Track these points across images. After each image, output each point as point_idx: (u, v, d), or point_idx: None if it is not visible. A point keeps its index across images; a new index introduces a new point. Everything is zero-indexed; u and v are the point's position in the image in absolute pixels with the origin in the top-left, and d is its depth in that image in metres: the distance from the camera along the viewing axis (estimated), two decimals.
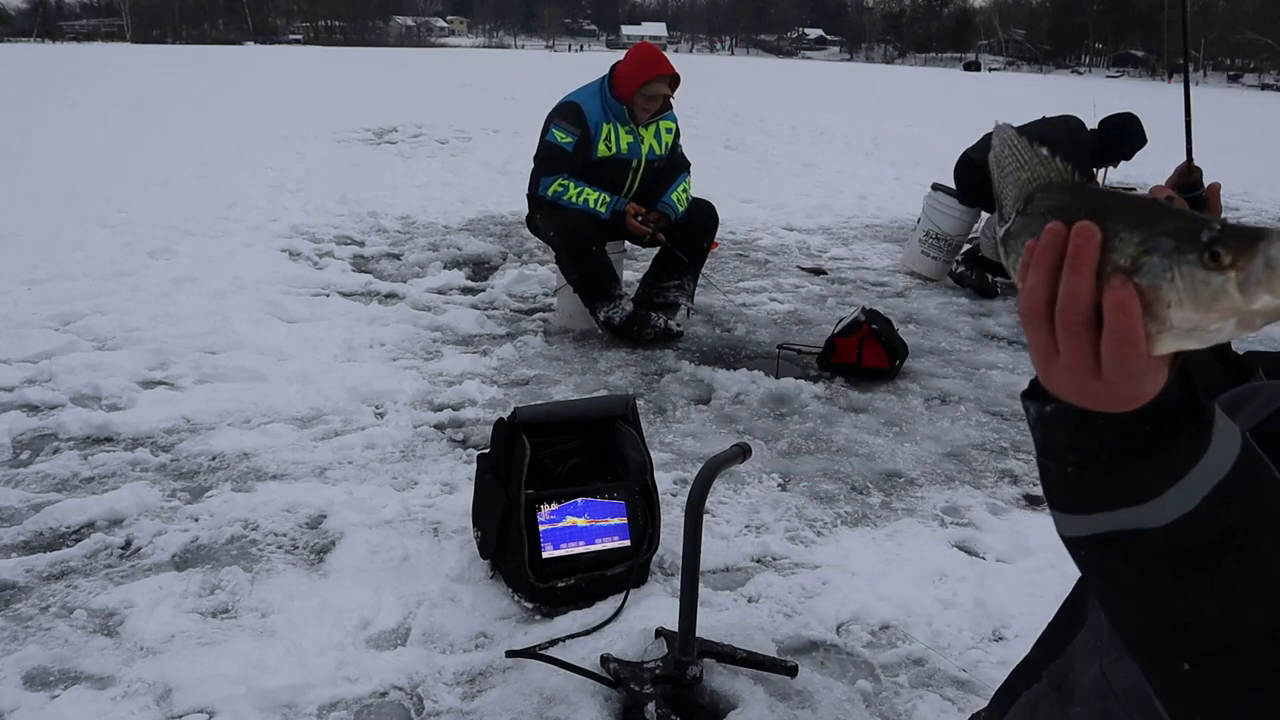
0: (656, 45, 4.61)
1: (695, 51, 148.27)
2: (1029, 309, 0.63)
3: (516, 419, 2.43)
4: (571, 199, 4.31)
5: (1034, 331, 0.64)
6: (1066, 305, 0.61)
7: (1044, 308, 0.63)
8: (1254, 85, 71.13)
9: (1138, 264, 0.58)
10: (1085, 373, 0.62)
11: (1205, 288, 0.55)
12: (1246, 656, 0.68)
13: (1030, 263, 0.63)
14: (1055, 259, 0.62)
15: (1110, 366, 0.61)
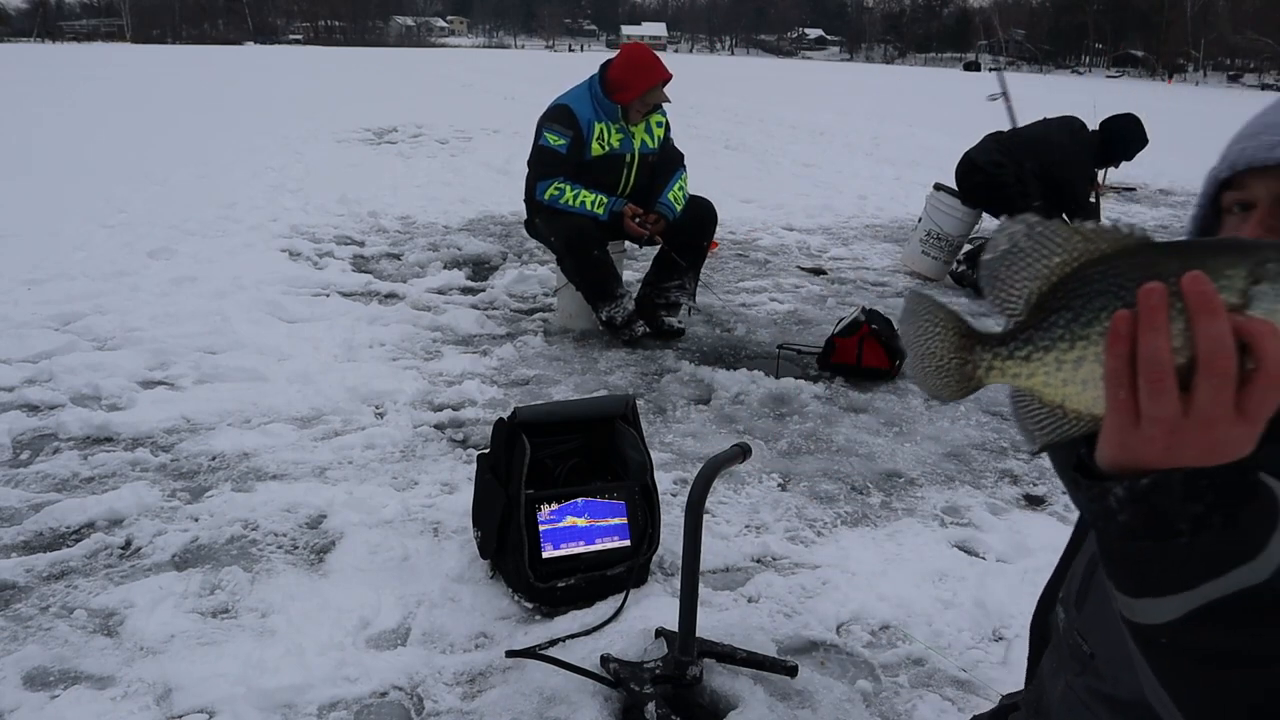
0: (648, 47, 4.61)
1: (695, 51, 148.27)
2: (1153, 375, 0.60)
3: (516, 419, 2.43)
4: (569, 202, 4.31)
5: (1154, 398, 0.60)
6: (1216, 352, 0.58)
7: (1168, 370, 0.59)
8: (1254, 85, 71.14)
9: (1248, 296, 0.59)
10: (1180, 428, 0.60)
11: None
12: None
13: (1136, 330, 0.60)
14: (1168, 318, 0.59)
15: (1256, 409, 0.59)
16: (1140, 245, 0.64)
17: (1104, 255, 0.64)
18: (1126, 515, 0.65)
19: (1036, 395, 0.69)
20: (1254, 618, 0.64)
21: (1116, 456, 0.65)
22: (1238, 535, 0.63)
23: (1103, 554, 0.70)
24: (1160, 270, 0.61)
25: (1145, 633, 0.68)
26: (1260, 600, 0.64)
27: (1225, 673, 0.66)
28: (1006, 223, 0.68)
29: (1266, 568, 0.64)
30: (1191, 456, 0.61)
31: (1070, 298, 0.65)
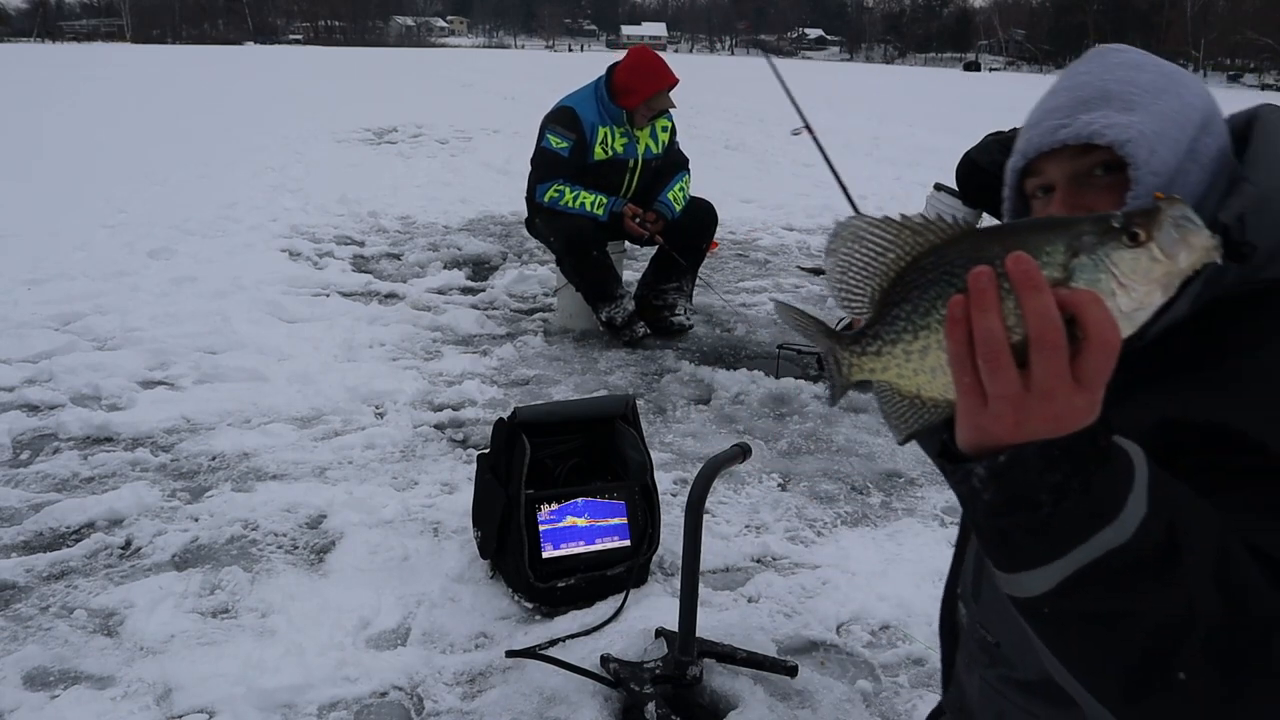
0: (655, 51, 4.60)
1: (695, 51, 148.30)
2: (989, 354, 0.62)
3: (516, 419, 2.43)
4: (569, 204, 4.31)
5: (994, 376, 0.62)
6: (1045, 326, 0.61)
7: (1002, 348, 0.62)
8: (1254, 85, 71.18)
9: (1069, 269, 0.62)
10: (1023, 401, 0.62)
11: (1137, 264, 0.61)
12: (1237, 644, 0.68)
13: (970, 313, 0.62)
14: (997, 296, 0.62)
15: (1091, 376, 0.61)
16: (966, 233, 0.66)
17: (934, 246, 0.67)
18: (990, 493, 0.67)
19: (894, 387, 0.72)
20: (1125, 577, 0.67)
21: (973, 437, 0.66)
22: (1096, 499, 0.66)
23: (977, 534, 0.72)
24: (986, 254, 0.63)
25: (1028, 606, 0.71)
26: (1128, 559, 0.67)
27: (1108, 632, 0.69)
28: (839, 225, 0.70)
29: (1128, 527, 0.66)
30: (1041, 429, 0.63)
31: (909, 290, 0.68)
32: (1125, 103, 0.98)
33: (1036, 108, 1.06)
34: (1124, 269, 0.61)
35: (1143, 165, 0.95)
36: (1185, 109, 0.98)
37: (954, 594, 1.31)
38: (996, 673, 1.13)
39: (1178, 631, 0.68)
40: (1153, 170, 0.95)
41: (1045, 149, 1.01)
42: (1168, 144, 0.96)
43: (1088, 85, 1.01)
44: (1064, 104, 1.02)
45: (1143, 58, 1.05)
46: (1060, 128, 0.99)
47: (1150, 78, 1.01)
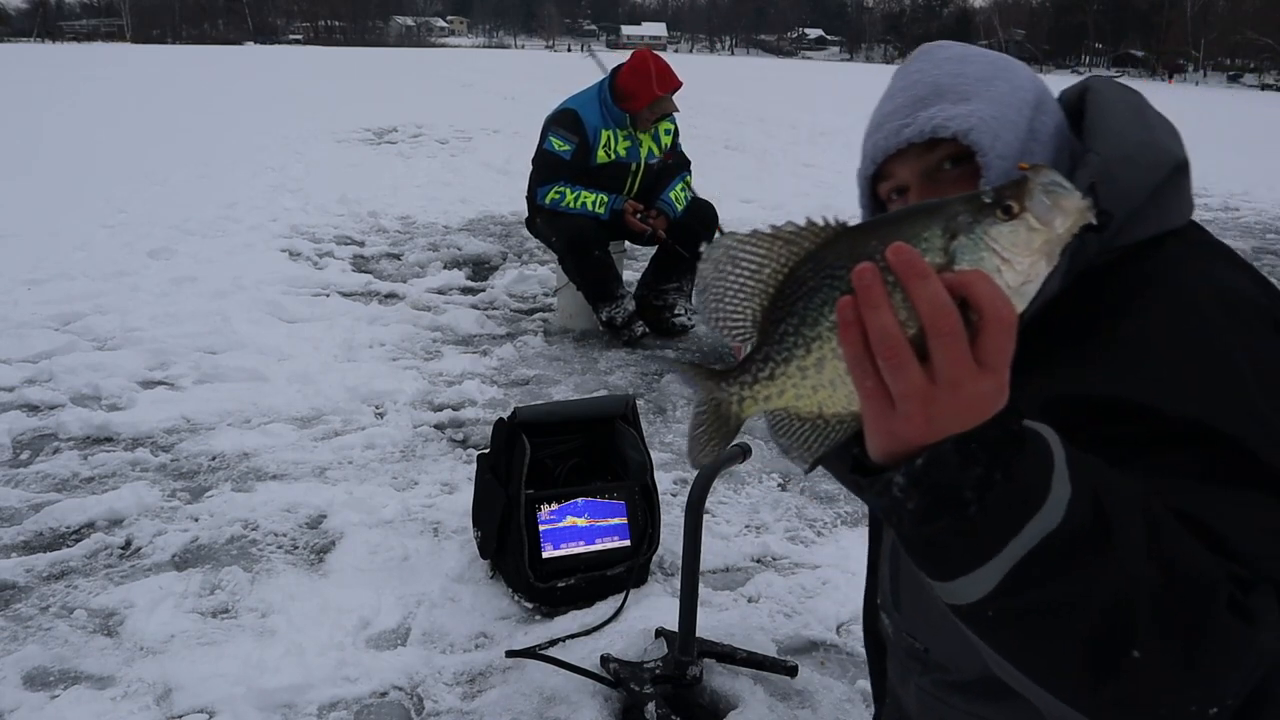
0: (658, 55, 4.60)
1: (695, 51, 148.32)
2: (888, 352, 0.59)
3: (516, 419, 2.43)
4: (570, 204, 4.31)
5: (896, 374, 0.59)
6: (938, 313, 0.58)
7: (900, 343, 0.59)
8: (1254, 85, 71.16)
9: (950, 253, 0.60)
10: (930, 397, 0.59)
11: (1016, 236, 0.59)
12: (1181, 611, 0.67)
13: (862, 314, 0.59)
14: (885, 291, 0.59)
15: (993, 357, 0.59)
16: (840, 233, 0.63)
17: (810, 253, 0.64)
18: (914, 501, 0.63)
19: (793, 412, 0.67)
20: (1065, 562, 0.65)
21: (885, 445, 0.63)
22: (1021, 487, 0.63)
23: (906, 548, 0.69)
24: (865, 250, 0.61)
25: (971, 612, 0.68)
26: (1063, 543, 0.64)
27: (1057, 622, 0.67)
28: (707, 250, 0.66)
29: (1058, 510, 0.64)
30: (953, 422, 0.60)
31: (792, 303, 0.64)
32: (960, 94, 1.00)
33: (874, 113, 1.08)
34: (1004, 243, 0.60)
35: (988, 151, 0.96)
36: (1017, 91, 1.01)
37: (874, 605, 1.31)
38: (931, 679, 1.12)
39: (1125, 609, 0.66)
40: (999, 154, 0.96)
41: (892, 151, 1.02)
42: (1008, 127, 0.98)
43: (920, 83, 1.03)
44: (901, 105, 1.03)
45: (967, 50, 1.07)
46: (903, 127, 1.00)
47: (978, 68, 1.03)
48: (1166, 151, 1.01)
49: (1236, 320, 0.89)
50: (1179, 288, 0.92)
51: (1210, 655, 0.68)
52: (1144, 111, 1.06)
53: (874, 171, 1.06)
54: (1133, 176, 0.97)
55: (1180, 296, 0.91)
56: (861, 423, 0.65)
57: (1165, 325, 0.89)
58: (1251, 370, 0.85)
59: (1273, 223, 8.70)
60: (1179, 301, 0.91)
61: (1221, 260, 0.99)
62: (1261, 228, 8.44)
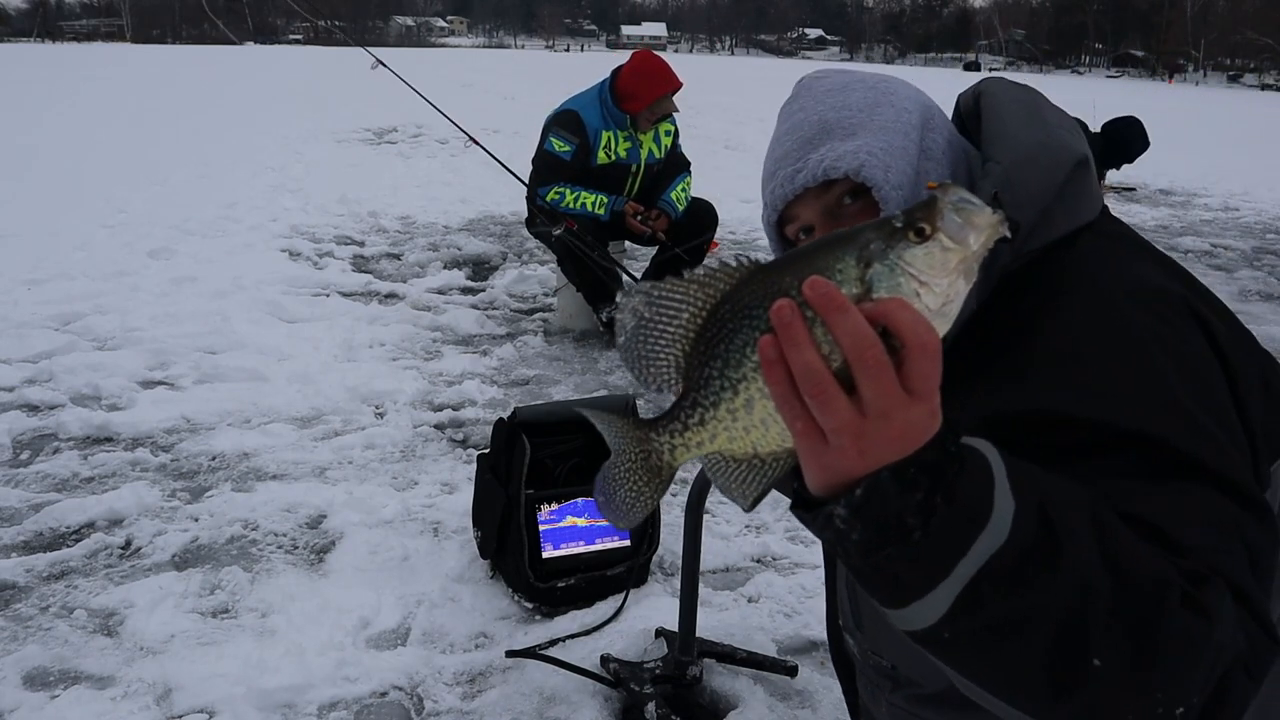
0: (658, 55, 4.61)
1: (695, 51, 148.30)
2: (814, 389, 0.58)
3: (516, 419, 2.43)
4: (570, 205, 4.31)
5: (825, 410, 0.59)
6: (861, 345, 0.57)
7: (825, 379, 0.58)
8: (1254, 85, 71.14)
9: (867, 281, 0.59)
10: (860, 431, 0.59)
11: (931, 258, 0.58)
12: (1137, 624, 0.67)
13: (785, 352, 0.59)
14: (805, 327, 0.58)
15: (921, 384, 0.58)
16: (754, 271, 0.63)
17: (727, 294, 0.63)
18: (858, 532, 0.63)
19: (727, 454, 0.66)
20: (1015, 577, 0.65)
21: (823, 478, 0.63)
22: (964, 507, 0.63)
23: (856, 577, 0.69)
24: (781, 286, 0.60)
25: (927, 636, 0.68)
26: (1012, 559, 0.64)
27: (1014, 638, 0.66)
28: (624, 299, 0.65)
29: (1004, 526, 0.64)
30: (887, 452, 0.60)
31: (715, 346, 0.63)
32: (846, 129, 1.01)
33: (767, 159, 1.10)
34: (920, 266, 0.59)
35: (882, 184, 0.97)
36: (902, 115, 1.01)
37: (837, 627, 1.32)
38: (903, 694, 1.12)
39: (1080, 618, 0.66)
40: (893, 185, 0.97)
41: (790, 198, 1.04)
42: (898, 155, 0.98)
43: (805, 123, 1.04)
44: (790, 149, 1.05)
45: (847, 77, 1.07)
46: (796, 173, 1.02)
47: (860, 95, 1.03)
48: (1065, 149, 1.00)
49: (1153, 315, 0.90)
50: (1094, 288, 0.93)
51: (1170, 654, 0.68)
52: (1040, 110, 1.05)
53: (778, 218, 1.09)
54: (1035, 179, 0.97)
55: (1097, 297, 0.92)
56: (796, 458, 0.64)
57: (1085, 329, 0.90)
58: (1173, 365, 0.86)
59: (1273, 223, 8.70)
60: (1096, 302, 0.92)
61: (1135, 252, 1.00)
62: (1261, 228, 8.44)
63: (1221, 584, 0.73)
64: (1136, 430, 0.82)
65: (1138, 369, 0.86)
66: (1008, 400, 0.87)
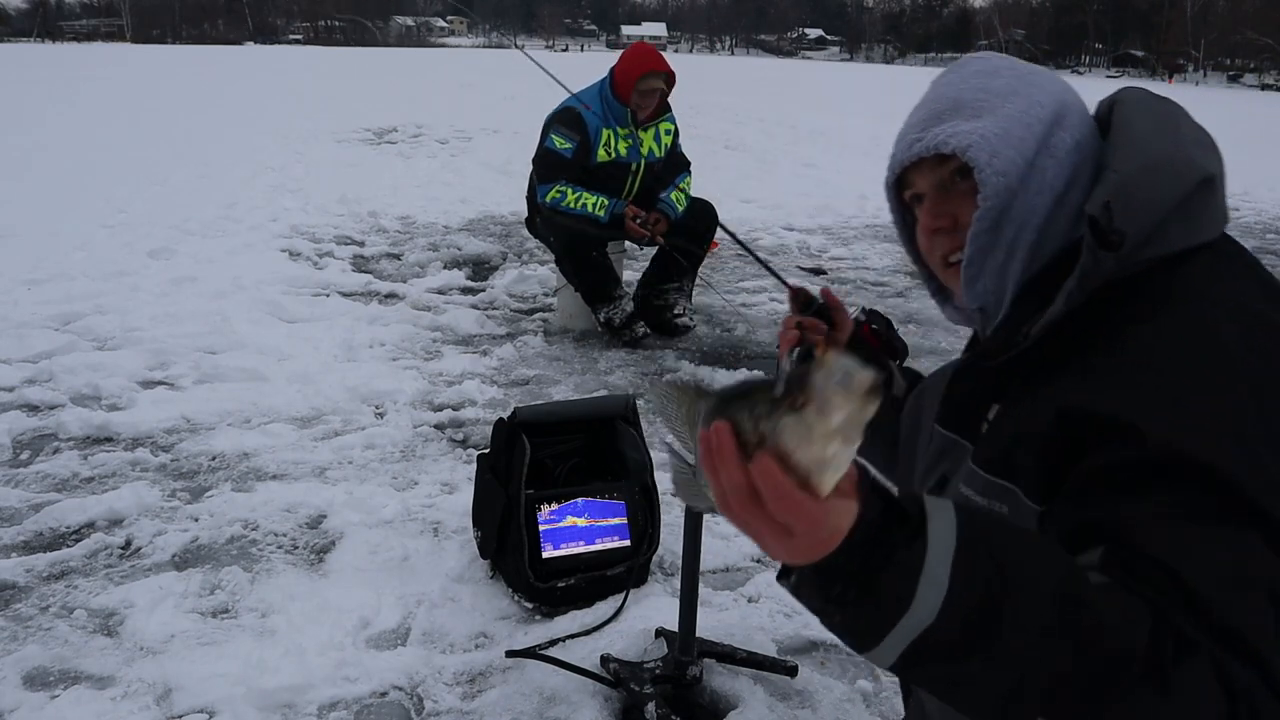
0: (651, 45, 4.62)
1: (695, 51, 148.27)
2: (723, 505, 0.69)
3: (516, 419, 2.43)
4: (570, 205, 4.31)
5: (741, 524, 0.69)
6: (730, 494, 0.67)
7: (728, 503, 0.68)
8: (1254, 85, 71.11)
9: (761, 434, 0.67)
10: (782, 537, 0.68)
11: (803, 426, 0.65)
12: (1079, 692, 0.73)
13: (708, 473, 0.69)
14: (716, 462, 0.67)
15: (792, 522, 0.66)
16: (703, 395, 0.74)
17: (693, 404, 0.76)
18: (803, 602, 0.76)
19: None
20: (947, 651, 0.73)
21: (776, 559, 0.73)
22: (882, 598, 0.72)
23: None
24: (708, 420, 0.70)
25: (890, 670, 0.77)
26: (944, 636, 0.72)
27: (958, 691, 0.77)
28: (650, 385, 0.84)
29: (928, 611, 0.72)
30: (801, 555, 0.70)
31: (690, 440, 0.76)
32: (974, 110, 1.04)
33: (905, 121, 1.14)
34: (790, 435, 0.65)
35: (985, 168, 1.01)
36: (1033, 108, 1.04)
37: None
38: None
39: (1025, 683, 0.73)
40: (996, 171, 1.00)
41: (907, 163, 1.10)
42: (1012, 144, 1.01)
43: (943, 97, 1.09)
44: (921, 119, 1.09)
45: (1000, 63, 1.10)
46: (915, 142, 1.08)
47: (1003, 82, 1.07)
48: (1190, 164, 1.00)
49: (1249, 346, 0.89)
50: (1198, 307, 0.93)
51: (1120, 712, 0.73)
52: (1174, 122, 1.05)
53: (895, 179, 1.14)
54: (1152, 191, 0.97)
55: (1196, 316, 0.92)
56: None
57: (1176, 345, 0.90)
58: (1254, 403, 0.86)
59: (1273, 223, 8.70)
60: (1194, 321, 0.92)
61: (1248, 278, 0.99)
62: (1261, 228, 8.44)
63: (1206, 658, 0.74)
64: (1204, 463, 0.82)
65: (1220, 399, 0.86)
66: (1085, 398, 0.90)
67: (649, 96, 4.35)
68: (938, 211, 1.08)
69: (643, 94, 4.32)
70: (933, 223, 1.09)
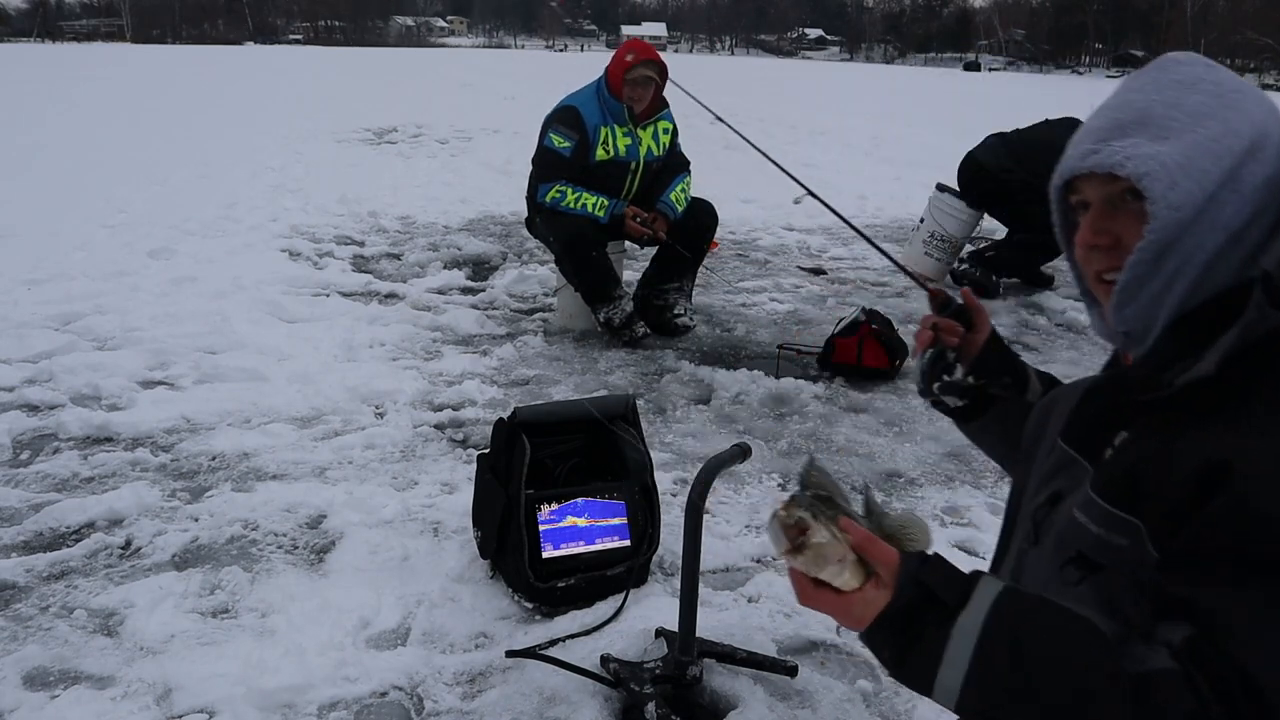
0: (641, 39, 4.62)
1: (695, 51, 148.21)
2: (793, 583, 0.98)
3: (516, 419, 2.43)
4: (570, 205, 4.31)
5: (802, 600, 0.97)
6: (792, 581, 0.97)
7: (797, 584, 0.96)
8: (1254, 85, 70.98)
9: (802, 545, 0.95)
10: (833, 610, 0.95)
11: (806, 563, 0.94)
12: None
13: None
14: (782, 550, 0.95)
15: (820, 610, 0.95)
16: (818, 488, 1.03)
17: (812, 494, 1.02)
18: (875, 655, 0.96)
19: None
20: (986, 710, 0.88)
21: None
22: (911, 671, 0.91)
23: None
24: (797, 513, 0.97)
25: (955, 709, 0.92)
26: (971, 706, 0.88)
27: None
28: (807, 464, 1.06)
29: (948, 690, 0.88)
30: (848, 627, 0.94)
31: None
32: (1160, 129, 0.97)
33: (1087, 121, 1.06)
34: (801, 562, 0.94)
35: (1159, 200, 0.94)
36: (1226, 136, 0.95)
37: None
38: None
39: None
40: (1171, 204, 0.94)
41: (1080, 173, 1.02)
42: (1194, 175, 0.94)
43: (1131, 106, 1.01)
44: (1103, 125, 1.01)
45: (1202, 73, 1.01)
46: (1091, 153, 1.00)
47: (1199, 100, 0.98)
48: None
49: None
50: None
51: None
52: None
53: (1064, 183, 1.07)
54: None
55: None
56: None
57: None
58: None
59: None
60: None
61: None
62: None
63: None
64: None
65: None
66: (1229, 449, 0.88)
67: (641, 88, 4.33)
68: (1100, 228, 1.02)
69: (634, 85, 4.31)
70: (1093, 239, 1.03)
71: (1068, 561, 1.00)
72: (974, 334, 1.39)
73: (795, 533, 0.92)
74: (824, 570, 0.92)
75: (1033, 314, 5.34)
